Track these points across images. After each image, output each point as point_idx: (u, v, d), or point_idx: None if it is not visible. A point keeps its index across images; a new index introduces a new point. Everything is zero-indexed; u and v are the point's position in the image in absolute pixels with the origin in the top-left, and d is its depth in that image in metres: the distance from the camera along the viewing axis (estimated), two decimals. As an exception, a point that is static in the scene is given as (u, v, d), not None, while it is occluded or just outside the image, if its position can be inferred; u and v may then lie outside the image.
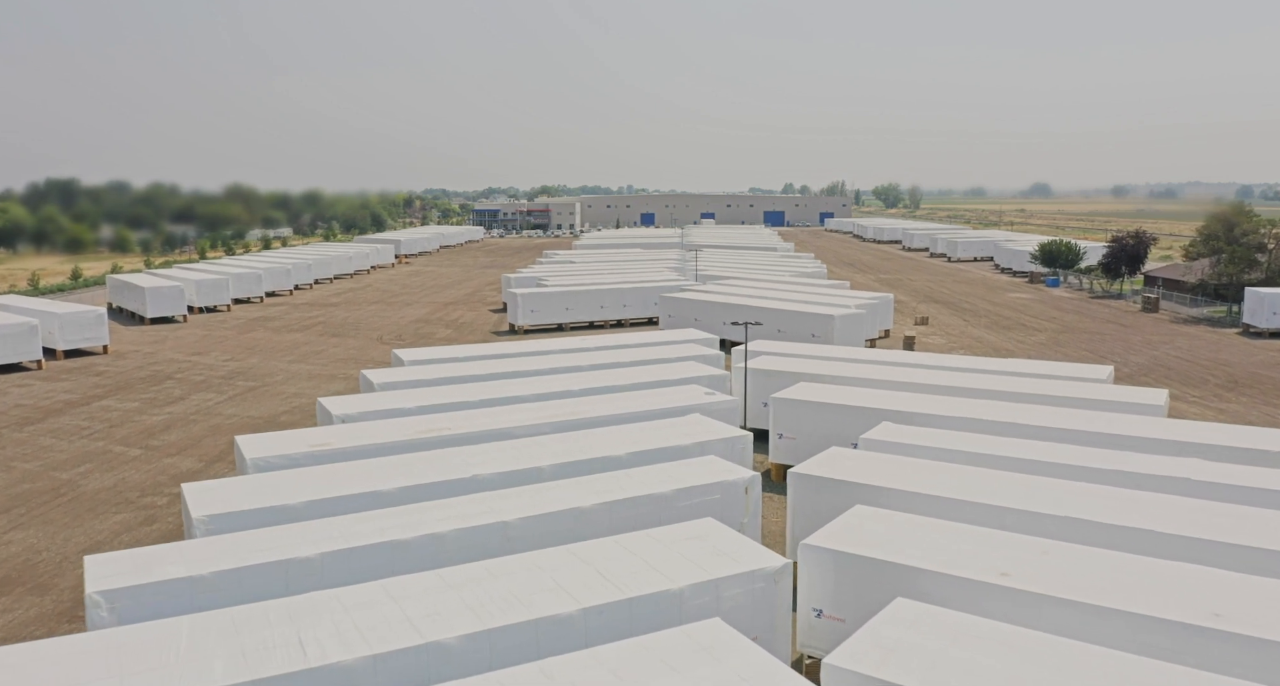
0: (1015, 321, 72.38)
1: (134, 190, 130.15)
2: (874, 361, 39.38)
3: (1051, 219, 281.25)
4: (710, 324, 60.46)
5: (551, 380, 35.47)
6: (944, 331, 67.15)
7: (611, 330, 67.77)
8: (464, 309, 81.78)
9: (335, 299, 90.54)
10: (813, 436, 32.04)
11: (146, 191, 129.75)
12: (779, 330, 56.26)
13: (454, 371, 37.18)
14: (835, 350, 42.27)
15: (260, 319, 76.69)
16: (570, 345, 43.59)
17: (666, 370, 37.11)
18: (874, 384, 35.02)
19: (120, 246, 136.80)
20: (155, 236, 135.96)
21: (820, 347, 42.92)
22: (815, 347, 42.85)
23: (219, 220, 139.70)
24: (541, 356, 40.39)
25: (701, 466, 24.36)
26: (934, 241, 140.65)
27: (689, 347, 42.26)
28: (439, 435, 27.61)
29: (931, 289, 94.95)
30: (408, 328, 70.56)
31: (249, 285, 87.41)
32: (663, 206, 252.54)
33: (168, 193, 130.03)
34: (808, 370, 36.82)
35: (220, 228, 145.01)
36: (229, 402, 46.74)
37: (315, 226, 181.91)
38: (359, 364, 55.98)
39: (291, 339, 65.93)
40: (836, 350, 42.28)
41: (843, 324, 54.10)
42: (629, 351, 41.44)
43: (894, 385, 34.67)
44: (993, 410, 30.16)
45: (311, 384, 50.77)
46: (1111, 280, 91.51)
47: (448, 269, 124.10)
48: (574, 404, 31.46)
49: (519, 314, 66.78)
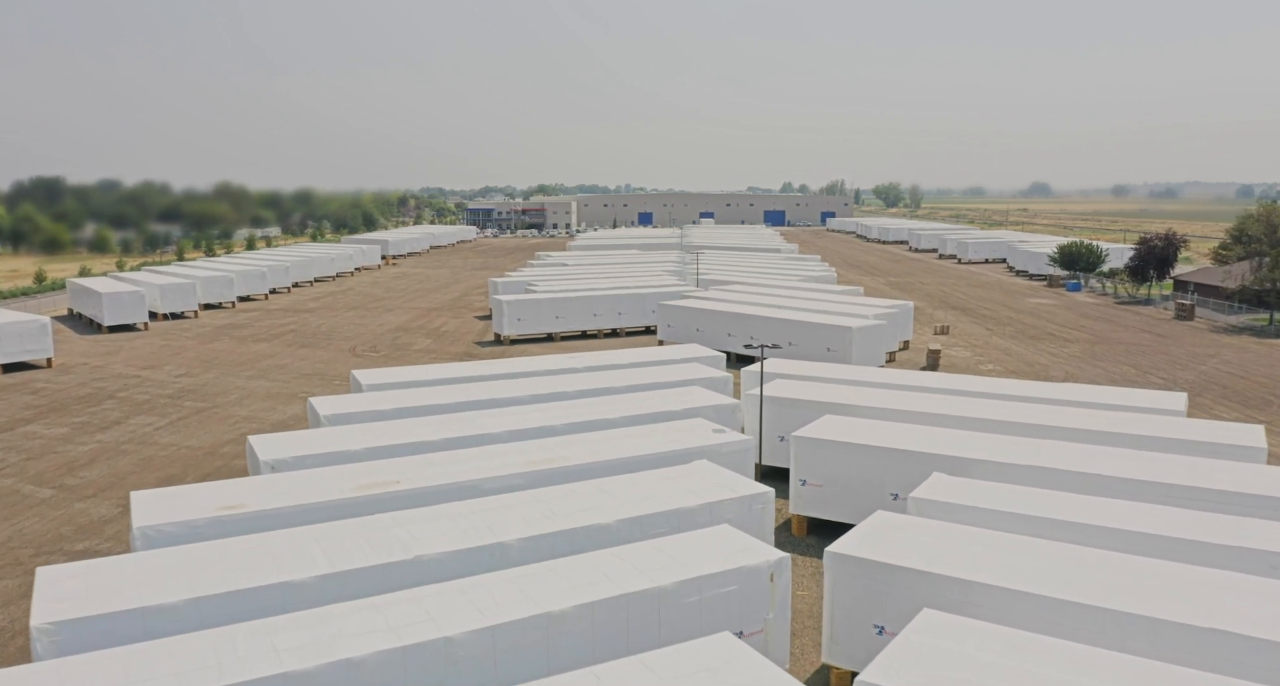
0: (1042, 330, 66.93)
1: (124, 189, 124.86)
2: (908, 387, 33.87)
3: (1055, 219, 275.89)
4: (714, 335, 55.00)
5: (531, 412, 29.95)
6: (967, 342, 61.69)
7: (605, 341, 62.28)
8: (448, 315, 76.24)
9: (312, 304, 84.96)
10: (843, 484, 26.55)
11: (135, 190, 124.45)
12: (790, 343, 50.81)
13: (418, 400, 31.67)
14: (860, 372, 36.75)
15: (228, 327, 71.13)
16: (556, 365, 38.07)
17: (666, 398, 31.61)
18: (913, 417, 29.52)
19: (99, 246, 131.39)
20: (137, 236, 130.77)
21: (842, 369, 37.40)
22: (837, 369, 37.33)
23: (205, 219, 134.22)
24: (521, 380, 34.86)
25: (713, 542, 18.90)
26: (943, 242, 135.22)
27: (692, 368, 36.75)
28: (383, 493, 22.10)
29: (946, 293, 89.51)
30: (384, 337, 65.03)
31: (219, 289, 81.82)
32: (661, 206, 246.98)
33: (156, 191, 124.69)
34: (832, 398, 31.32)
35: (207, 227, 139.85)
36: (170, 428, 41.19)
37: (305, 226, 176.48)
38: (324, 381, 50.46)
39: (256, 350, 60.37)
40: (862, 372, 36.76)
41: (862, 336, 48.63)
42: (622, 373, 35.91)
43: (937, 419, 29.16)
44: (1065, 455, 24.68)
45: (266, 405, 45.22)
46: (1138, 284, 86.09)
47: (436, 271, 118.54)
48: (555, 446, 25.95)
49: (504, 323, 61.25)
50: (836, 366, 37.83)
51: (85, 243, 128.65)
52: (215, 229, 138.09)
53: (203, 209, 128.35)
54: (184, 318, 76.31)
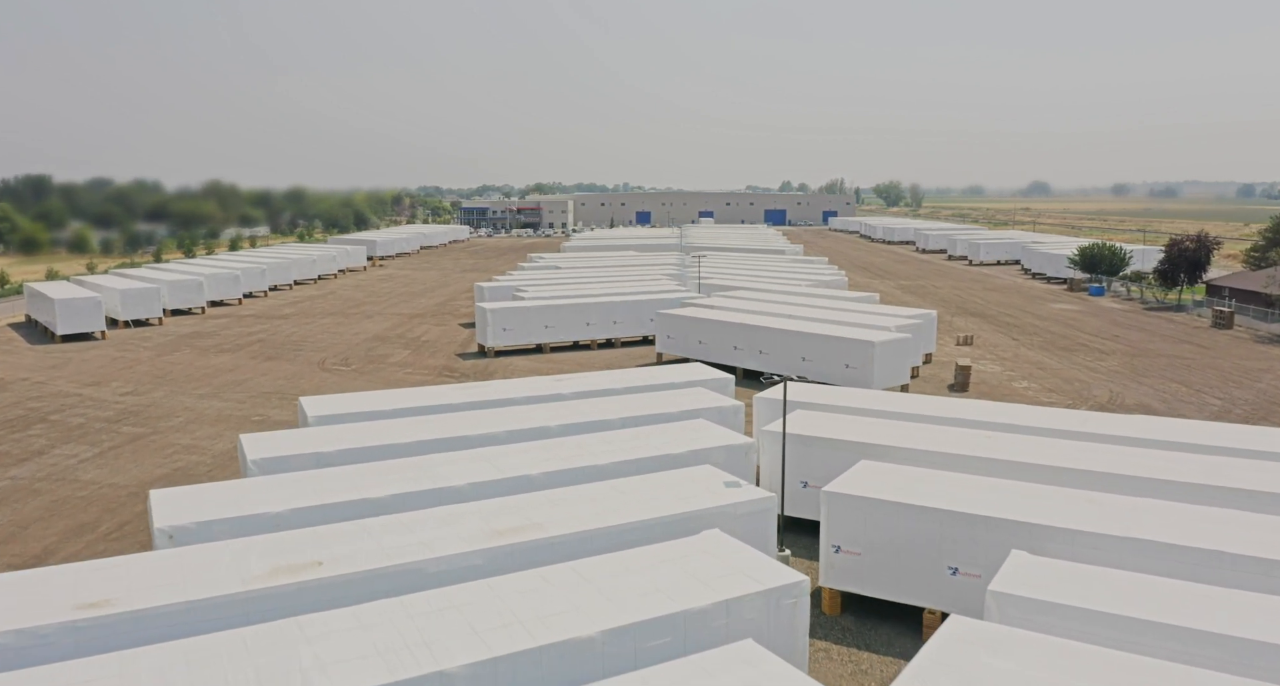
0: (1073, 340, 61.71)
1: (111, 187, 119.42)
2: (957, 420, 28.60)
3: (1060, 218, 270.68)
4: (718, 347, 49.78)
5: (504, 456, 24.68)
6: (994, 354, 56.46)
7: (599, 353, 57.02)
8: (431, 322, 70.95)
9: (288, 309, 79.63)
10: (888, 553, 21.32)
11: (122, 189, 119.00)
12: (803, 359, 45.62)
13: (370, 437, 26.40)
14: (893, 400, 31.47)
15: (192, 335, 65.79)
16: (538, 389, 32.76)
17: (667, 436, 26.36)
18: (973, 465, 24.25)
19: (79, 247, 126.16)
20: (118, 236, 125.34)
21: (871, 396, 32.12)
22: (864, 396, 32.06)
23: (192, 219, 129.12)
24: (497, 411, 29.56)
25: (730, 663, 13.67)
26: (952, 243, 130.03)
27: (697, 395, 31.47)
28: (293, 583, 16.84)
29: (961, 298, 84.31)
30: (359, 347, 59.72)
31: (187, 294, 76.43)
32: (659, 205, 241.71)
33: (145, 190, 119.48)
34: (868, 436, 26.07)
35: (194, 226, 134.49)
36: (97, 460, 35.91)
37: (295, 225, 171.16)
38: (283, 401, 45.18)
39: (217, 363, 55.05)
40: (895, 400, 31.48)
41: (884, 352, 43.42)
42: (615, 402, 30.62)
43: (1005, 468, 23.86)
44: (1188, 525, 19.45)
45: (213, 431, 39.93)
46: (1168, 289, 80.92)
47: (424, 272, 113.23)
48: (530, 507, 20.70)
49: (489, 333, 55.96)
50: (863, 393, 32.55)
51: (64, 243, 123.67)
52: (202, 228, 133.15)
53: (189, 208, 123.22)
54: (148, 325, 70.97)
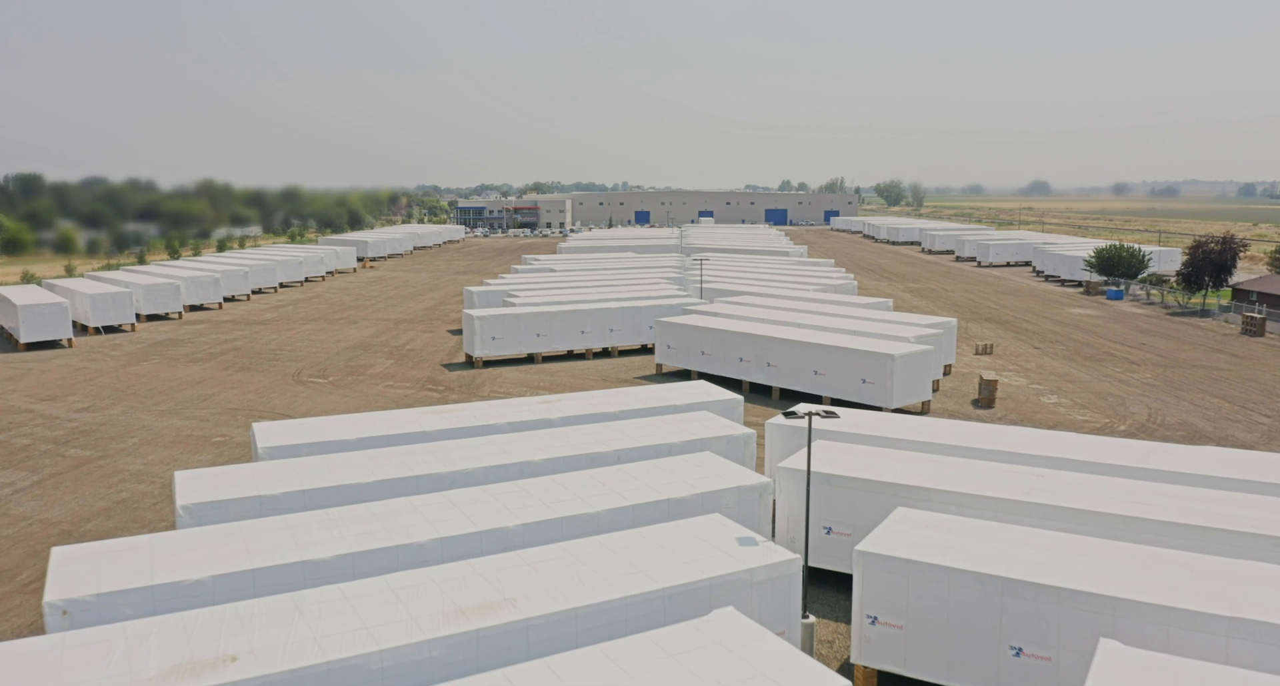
0: (1099, 349, 58.08)
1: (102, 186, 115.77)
2: (997, 452, 24.94)
3: (1064, 217, 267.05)
4: (723, 359, 46.16)
5: (478, 500, 21.05)
6: (1016, 364, 52.84)
7: (594, 363, 53.36)
8: (419, 329, 67.28)
9: (269, 314, 75.95)
10: (936, 627, 17.69)
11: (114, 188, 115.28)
12: (815, 372, 42.00)
13: (325, 475, 22.77)
14: (923, 426, 27.77)
15: (165, 343, 62.10)
16: (523, 414, 29.07)
17: (670, 475, 22.72)
18: (1027, 512, 20.59)
19: (64, 247, 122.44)
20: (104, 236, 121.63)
21: (898, 423, 28.44)
22: (890, 423, 28.39)
23: (183, 218, 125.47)
24: (474, 442, 25.89)
25: None
26: (960, 244, 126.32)
27: (702, 422, 27.81)
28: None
29: (974, 302, 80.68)
30: (340, 356, 56.05)
31: (163, 298, 72.72)
32: (658, 204, 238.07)
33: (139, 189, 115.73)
34: (902, 475, 22.44)
35: (184, 226, 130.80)
36: (34, 490, 32.26)
37: (288, 224, 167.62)
38: (249, 418, 41.53)
39: (185, 374, 51.39)
40: (925, 426, 27.77)
41: (904, 366, 39.79)
42: (610, 430, 26.94)
43: (1063, 516, 20.21)
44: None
45: (168, 455, 36.28)
46: (1191, 293, 77.32)
47: (416, 275, 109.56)
48: (503, 574, 17.08)
49: (477, 342, 52.29)
50: (889, 419, 28.88)
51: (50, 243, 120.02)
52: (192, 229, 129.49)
53: (180, 207, 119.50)
54: (120, 331, 67.30)
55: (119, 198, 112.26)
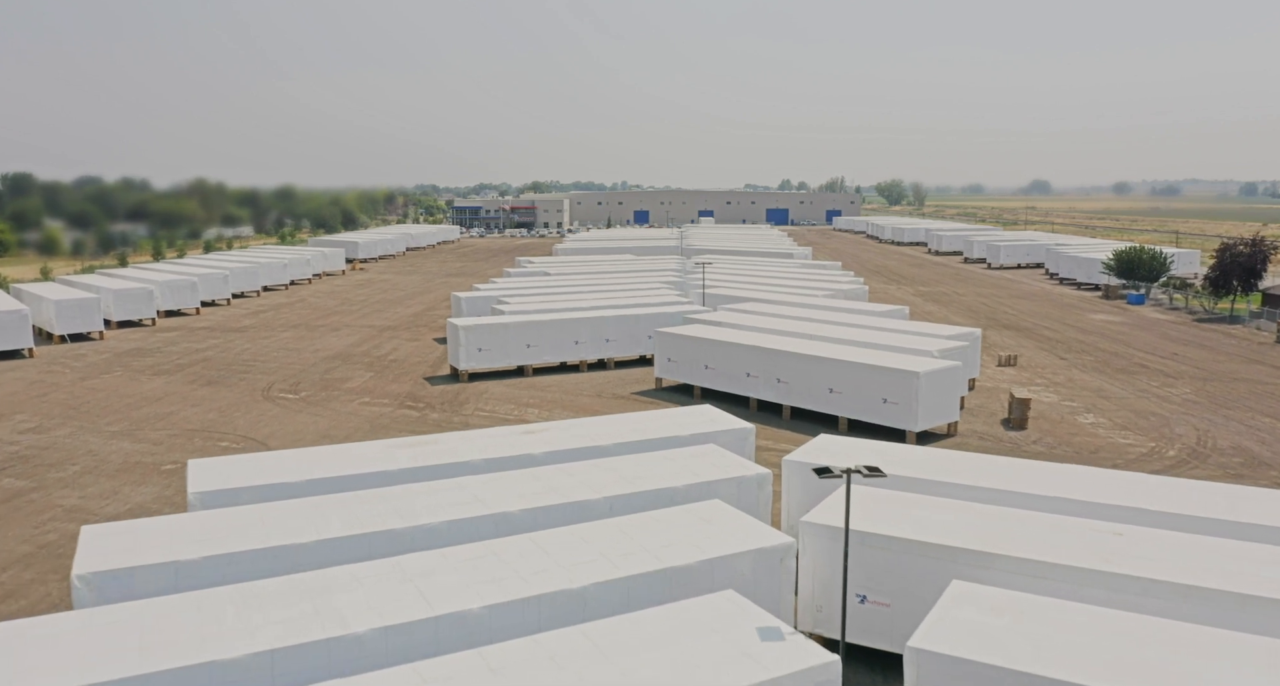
0: (1128, 360, 54.25)
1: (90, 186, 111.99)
2: (1055, 499, 21.11)
3: (1068, 217, 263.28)
4: (729, 373, 42.34)
5: (438, 570, 17.24)
6: (1044, 377, 49.02)
7: (589, 375, 49.49)
8: (404, 336, 63.43)
9: (248, 320, 72.09)
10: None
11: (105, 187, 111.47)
12: (830, 390, 38.16)
13: (257, 533, 18.96)
14: (964, 465, 23.88)
15: (132, 352, 58.22)
16: (503, 448, 25.19)
17: (672, 532, 18.92)
18: (1121, 588, 16.75)
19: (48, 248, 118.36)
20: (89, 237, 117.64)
21: (933, 458, 24.59)
22: (924, 458, 24.54)
23: (173, 219, 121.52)
24: (441, 486, 22.05)
25: None
26: (969, 245, 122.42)
27: (709, 458, 23.98)
28: None
29: (989, 307, 76.85)
30: (316, 368, 52.20)
31: (135, 304, 68.84)
32: (658, 204, 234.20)
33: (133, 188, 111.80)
34: (952, 534, 18.60)
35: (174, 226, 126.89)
36: (-51, 530, 28.43)
37: (281, 224, 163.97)
38: (211, 439, 37.72)
39: (146, 389, 47.53)
40: (966, 465, 23.89)
41: (931, 384, 35.95)
42: (602, 470, 23.09)
43: (1172, 594, 16.35)
44: None
45: (111, 485, 32.45)
46: (1219, 298, 73.52)
47: (406, 277, 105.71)
48: (460, 682, 13.24)
49: (462, 354, 48.44)
50: (920, 452, 25.04)
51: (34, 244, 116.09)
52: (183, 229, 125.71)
53: (170, 207, 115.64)
54: (89, 339, 63.45)
55: (109, 197, 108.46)
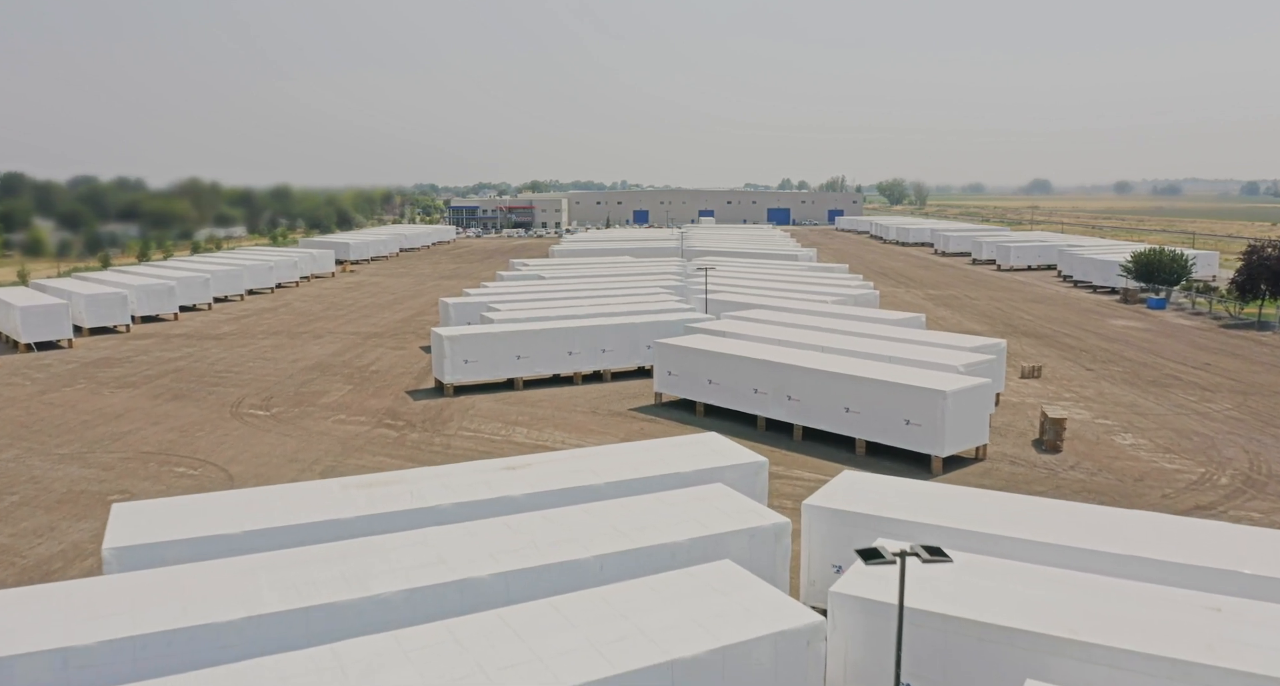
0: (1159, 370, 50.88)
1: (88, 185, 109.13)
2: (1134, 557, 17.76)
3: (1073, 217, 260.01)
4: (735, 389, 38.99)
5: (388, 662, 13.87)
6: (1072, 390, 45.66)
7: (582, 390, 46.09)
8: (389, 345, 60.07)
9: (227, 327, 68.71)
10: None
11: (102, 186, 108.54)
12: (847, 409, 34.80)
13: (169, 611, 15.59)
14: (1008, 509, 20.49)
15: (99, 362, 54.86)
16: (478, 490, 21.80)
17: (672, 610, 15.56)
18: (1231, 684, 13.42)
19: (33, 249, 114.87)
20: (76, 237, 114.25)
21: (969, 500, 21.20)
22: (958, 500, 21.15)
23: (164, 219, 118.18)
24: (401, 540, 18.69)
25: None
26: (977, 246, 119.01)
27: (716, 505, 20.62)
28: None
29: (1003, 311, 73.51)
30: (292, 380, 48.83)
31: (108, 310, 65.48)
32: (657, 203, 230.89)
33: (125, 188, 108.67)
34: (1016, 614, 15.24)
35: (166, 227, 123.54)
36: None
37: (275, 224, 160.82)
38: (169, 462, 34.36)
39: (107, 404, 44.18)
40: (1010, 509, 20.50)
41: (958, 404, 32.59)
42: (592, 517, 19.73)
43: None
44: None
45: (48, 519, 29.08)
46: (1245, 303, 70.17)
47: (398, 280, 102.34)
48: None
49: (446, 366, 45.07)
50: (954, 492, 21.66)
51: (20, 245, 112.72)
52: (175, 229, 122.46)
53: (162, 207, 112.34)
54: (58, 348, 60.08)
55: (100, 197, 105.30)
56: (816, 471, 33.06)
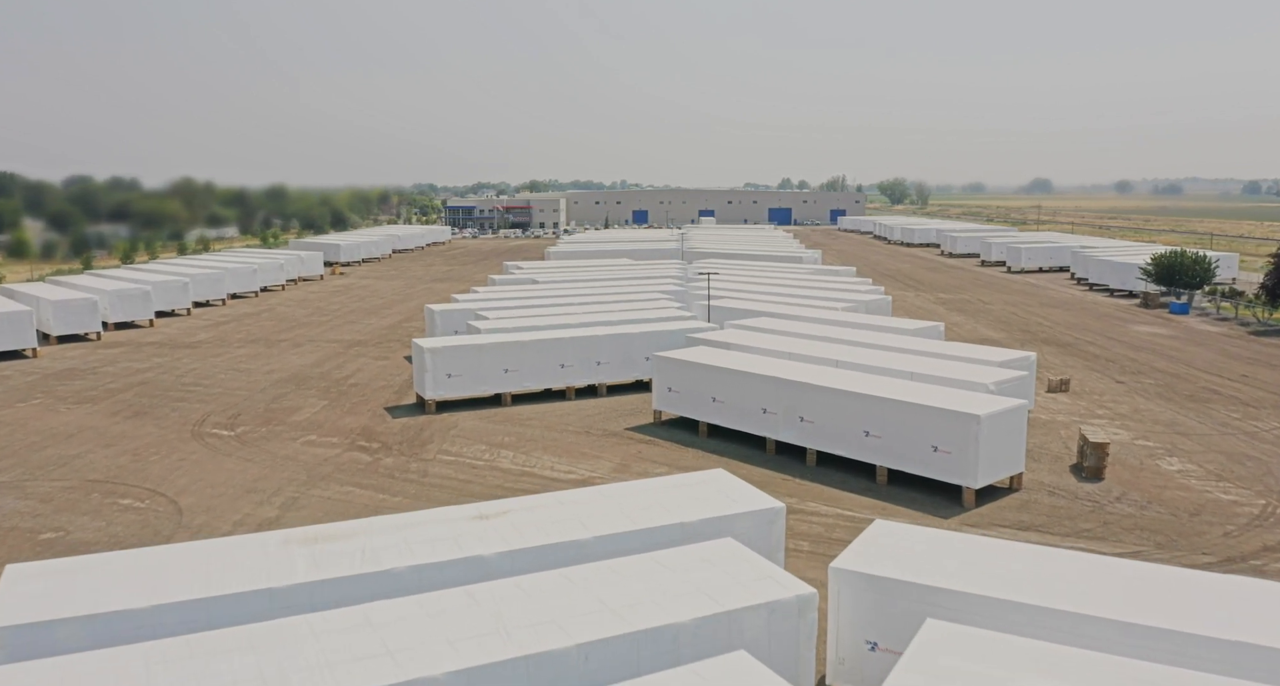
0: (1194, 383, 47.45)
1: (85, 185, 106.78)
2: (1240, 643, 14.31)
3: (1078, 216, 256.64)
4: (742, 408, 35.57)
5: None
6: (1104, 406, 42.23)
7: (575, 405, 42.63)
8: (373, 354, 56.63)
9: (204, 333, 65.28)
10: None
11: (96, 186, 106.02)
12: (866, 433, 31.39)
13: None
14: (1072, 570, 17.04)
15: (62, 374, 51.44)
16: (438, 550, 18.33)
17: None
18: None
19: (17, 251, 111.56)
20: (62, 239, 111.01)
21: (1050, 563, 17.74)
22: (1037, 563, 17.69)
23: (155, 219, 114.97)
24: (341, 619, 15.24)
25: None
26: (987, 247, 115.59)
27: (727, 571, 17.20)
28: None
29: (1020, 317, 70.09)
30: (264, 394, 45.39)
31: (77, 317, 62.03)
32: (657, 203, 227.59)
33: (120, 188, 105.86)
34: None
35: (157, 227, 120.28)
36: None
37: (268, 225, 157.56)
38: (113, 494, 30.92)
39: (60, 423, 40.73)
40: (1075, 570, 17.05)
41: (993, 429, 29.15)
42: (578, 585, 16.30)
43: None
44: None
45: (-40, 567, 25.61)
46: (1275, 307, 66.78)
47: (388, 282, 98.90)
48: None
49: (428, 381, 41.63)
50: (1029, 554, 18.22)
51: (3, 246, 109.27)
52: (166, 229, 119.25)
53: (154, 207, 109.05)
54: (22, 357, 56.65)
55: (91, 197, 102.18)
56: (833, 504, 29.65)
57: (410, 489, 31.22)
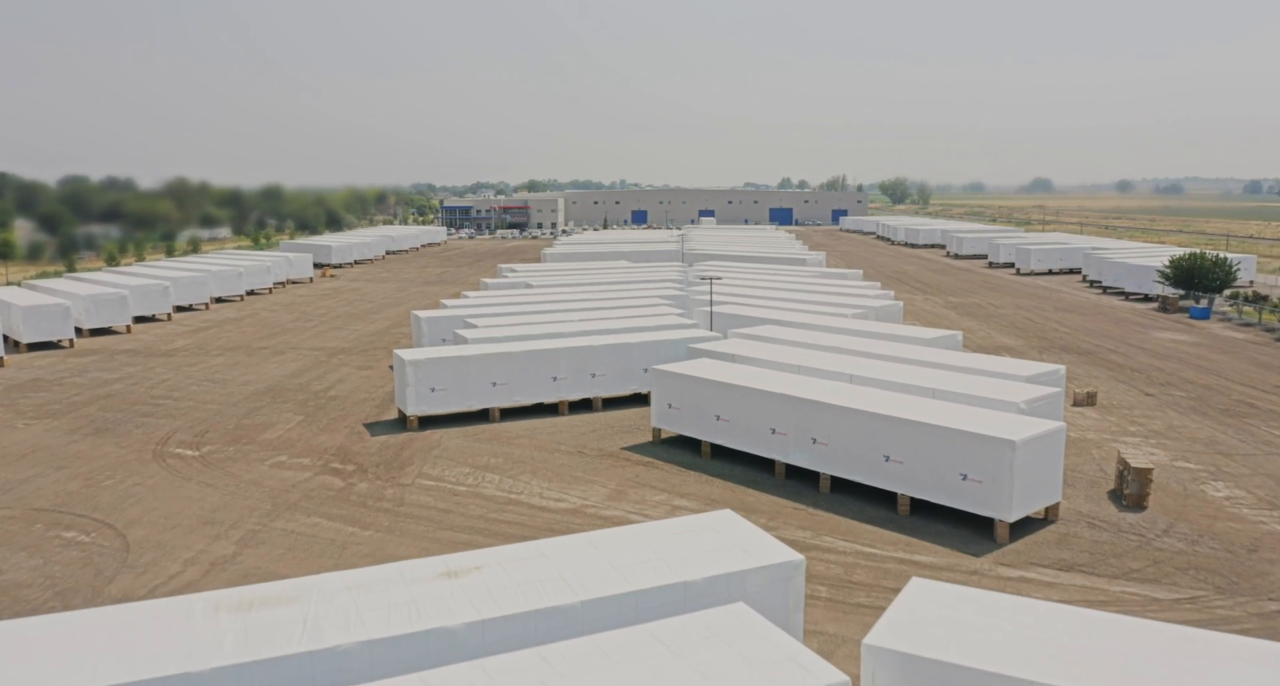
0: (1227, 395, 44.57)
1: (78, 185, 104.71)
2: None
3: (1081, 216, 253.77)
4: (748, 427, 32.69)
5: None
6: (1136, 422, 39.34)
7: (567, 421, 39.70)
8: (356, 363, 53.74)
9: (183, 340, 62.39)
10: None
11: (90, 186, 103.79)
12: (886, 458, 28.52)
13: None
14: (1133, 639, 14.17)
15: (26, 385, 48.56)
16: (397, 620, 15.46)
17: None
18: None
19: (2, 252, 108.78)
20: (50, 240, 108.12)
21: (1125, 633, 14.85)
22: (1096, 625, 14.80)
23: (147, 219, 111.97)
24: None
25: None
26: (994, 248, 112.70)
27: (738, 647, 14.32)
28: None
29: (1034, 323, 67.20)
30: (236, 409, 42.49)
31: (48, 323, 59.13)
32: (656, 203, 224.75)
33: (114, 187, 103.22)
34: None
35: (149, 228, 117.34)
36: None
37: (262, 225, 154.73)
38: (57, 525, 28.03)
39: (15, 440, 37.83)
40: (1208, 653, 14.18)
41: (1028, 456, 26.25)
42: (556, 668, 13.42)
43: None
44: None
45: None
46: (1302, 313, 63.97)
47: (380, 285, 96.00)
48: None
49: (410, 395, 38.73)
50: (1084, 618, 15.34)
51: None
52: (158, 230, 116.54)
53: (146, 207, 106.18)
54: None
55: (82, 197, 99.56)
56: (851, 538, 26.77)
57: (383, 520, 28.33)
